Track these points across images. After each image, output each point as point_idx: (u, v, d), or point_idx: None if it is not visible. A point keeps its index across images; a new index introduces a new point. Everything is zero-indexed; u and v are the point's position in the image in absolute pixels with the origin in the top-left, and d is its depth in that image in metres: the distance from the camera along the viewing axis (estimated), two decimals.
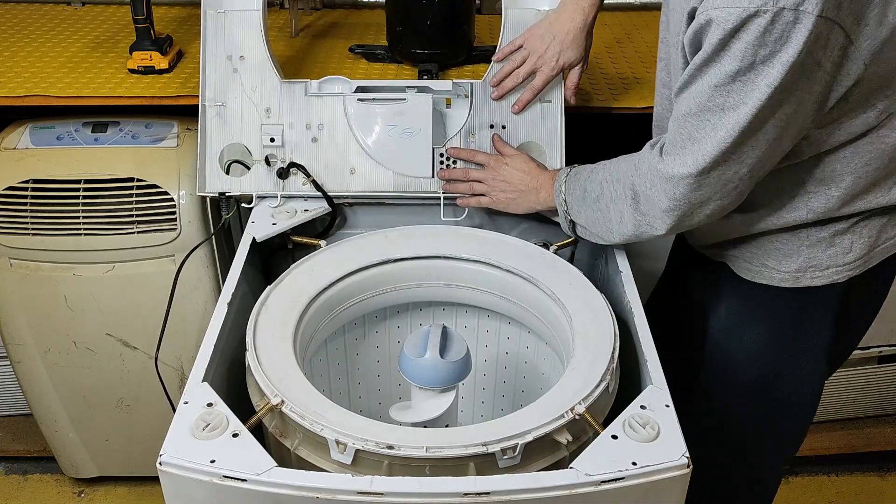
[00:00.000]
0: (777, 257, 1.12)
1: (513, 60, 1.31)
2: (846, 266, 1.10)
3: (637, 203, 1.06)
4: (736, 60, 0.88)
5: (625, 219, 1.10)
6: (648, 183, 1.03)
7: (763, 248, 1.13)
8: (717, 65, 0.90)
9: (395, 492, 0.85)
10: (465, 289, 1.30)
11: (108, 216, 1.44)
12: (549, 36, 1.27)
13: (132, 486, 1.89)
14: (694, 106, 0.94)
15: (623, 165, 1.10)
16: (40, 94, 1.44)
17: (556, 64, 1.28)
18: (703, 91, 0.92)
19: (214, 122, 1.36)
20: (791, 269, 1.12)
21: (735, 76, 0.89)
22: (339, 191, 1.37)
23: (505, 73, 1.32)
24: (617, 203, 1.10)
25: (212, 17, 1.36)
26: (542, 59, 1.28)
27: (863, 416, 2.00)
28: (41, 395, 1.69)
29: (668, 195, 1.01)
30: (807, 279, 1.12)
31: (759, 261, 1.14)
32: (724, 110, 0.92)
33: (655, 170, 1.01)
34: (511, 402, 1.47)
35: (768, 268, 1.14)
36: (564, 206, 1.20)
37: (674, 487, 0.90)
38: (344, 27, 1.82)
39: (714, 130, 0.93)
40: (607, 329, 1.10)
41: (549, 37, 1.28)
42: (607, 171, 1.13)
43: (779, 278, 1.13)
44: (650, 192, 1.04)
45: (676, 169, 0.98)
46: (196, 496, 0.89)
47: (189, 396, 0.97)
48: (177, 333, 1.51)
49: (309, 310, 1.16)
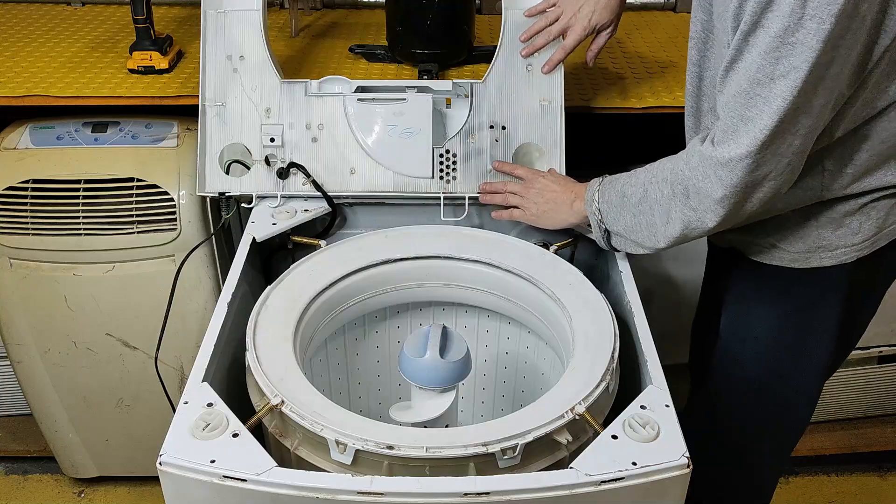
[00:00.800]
0: (787, 238, 1.12)
1: (545, 17, 1.30)
2: (854, 247, 1.10)
3: (687, 198, 1.03)
4: (783, 19, 0.85)
5: (672, 217, 1.07)
6: (700, 175, 1.01)
7: (774, 229, 1.13)
8: (762, 30, 0.88)
9: (395, 492, 0.85)
10: (465, 289, 1.30)
11: (108, 216, 1.44)
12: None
13: (132, 486, 1.89)
14: (744, 82, 0.92)
15: (668, 165, 1.08)
16: (40, 94, 1.44)
17: (589, 24, 1.26)
18: (752, 63, 0.90)
19: (214, 122, 1.36)
20: (801, 250, 1.12)
21: (783, 38, 0.86)
22: (339, 191, 1.37)
23: (537, 29, 1.30)
24: (663, 203, 1.07)
25: (212, 17, 1.36)
26: (576, 17, 1.26)
27: (863, 416, 2.00)
28: (41, 395, 1.69)
29: (722, 182, 0.98)
30: (816, 259, 1.11)
31: (769, 242, 1.14)
32: (774, 80, 0.89)
33: (709, 159, 0.99)
34: (511, 402, 1.47)
35: (778, 248, 1.13)
36: (598, 216, 1.17)
37: (674, 487, 0.90)
38: (344, 27, 1.82)
39: (767, 103, 0.91)
40: (607, 329, 1.10)
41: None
42: (650, 173, 1.10)
43: (788, 259, 1.13)
44: (702, 184, 1.01)
45: (733, 152, 0.95)
46: (196, 496, 0.89)
47: (189, 396, 0.97)
48: (177, 333, 1.51)
49: (309, 310, 1.16)
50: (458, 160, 1.36)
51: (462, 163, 1.36)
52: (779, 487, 1.52)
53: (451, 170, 1.36)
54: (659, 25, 1.84)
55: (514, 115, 1.36)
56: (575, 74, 1.58)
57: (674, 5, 1.91)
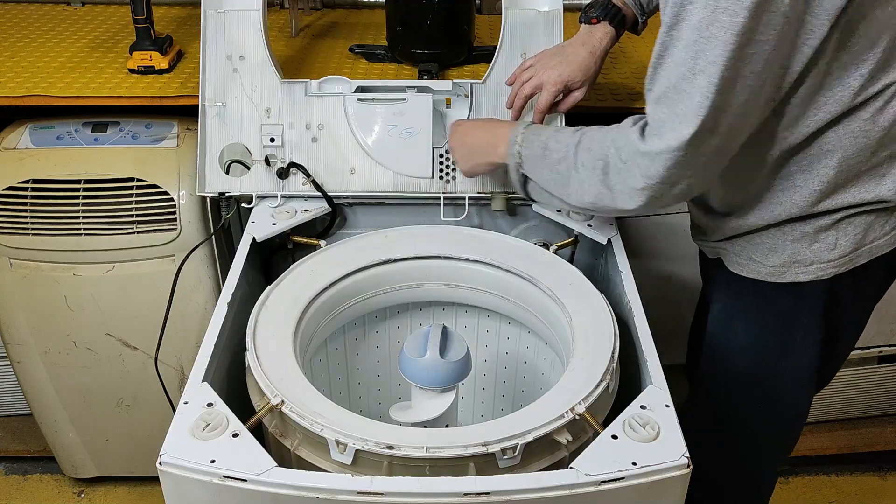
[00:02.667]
0: (763, 251, 1.13)
1: (518, 80, 1.31)
2: (830, 263, 1.11)
3: (606, 176, 1.05)
4: (699, 11, 0.87)
5: (586, 188, 1.08)
6: (624, 160, 1.02)
7: (751, 243, 1.15)
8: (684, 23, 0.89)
9: (395, 492, 0.85)
10: (465, 289, 1.30)
11: (108, 216, 1.44)
12: (558, 57, 1.28)
13: (132, 486, 1.89)
14: (672, 76, 0.93)
15: (597, 136, 1.08)
16: (40, 94, 1.44)
17: (559, 80, 1.27)
18: (677, 57, 0.91)
19: (214, 122, 1.36)
20: (776, 264, 1.13)
21: (699, 31, 0.88)
22: (338, 191, 1.37)
23: (513, 94, 1.32)
24: (581, 171, 1.08)
25: (212, 17, 1.36)
26: (547, 75, 1.27)
27: (863, 416, 2.00)
28: (41, 395, 1.69)
29: (643, 173, 0.99)
30: (791, 274, 1.12)
31: (746, 255, 1.16)
32: (695, 74, 0.90)
33: (635, 148, 1.00)
34: (511, 402, 1.47)
35: (755, 262, 1.15)
36: (518, 159, 1.18)
37: (674, 487, 0.90)
38: (344, 27, 1.82)
39: (690, 99, 0.92)
40: (607, 329, 1.11)
41: (557, 58, 1.28)
42: (577, 136, 1.10)
43: (765, 272, 1.14)
44: (623, 170, 1.02)
45: (657, 146, 0.97)
46: (196, 496, 0.89)
47: (189, 396, 0.97)
48: (177, 333, 1.51)
49: (309, 310, 1.16)
50: None
51: None
52: (779, 487, 1.52)
53: (451, 170, 1.36)
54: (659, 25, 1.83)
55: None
56: None
57: None
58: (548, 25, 1.37)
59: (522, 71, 1.31)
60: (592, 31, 1.27)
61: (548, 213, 1.35)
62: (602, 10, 1.27)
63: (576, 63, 1.27)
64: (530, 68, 1.30)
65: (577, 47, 1.28)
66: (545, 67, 1.28)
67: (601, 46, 1.27)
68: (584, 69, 1.27)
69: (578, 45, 1.28)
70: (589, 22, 1.28)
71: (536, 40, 1.36)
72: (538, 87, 1.28)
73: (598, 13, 1.28)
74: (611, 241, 1.29)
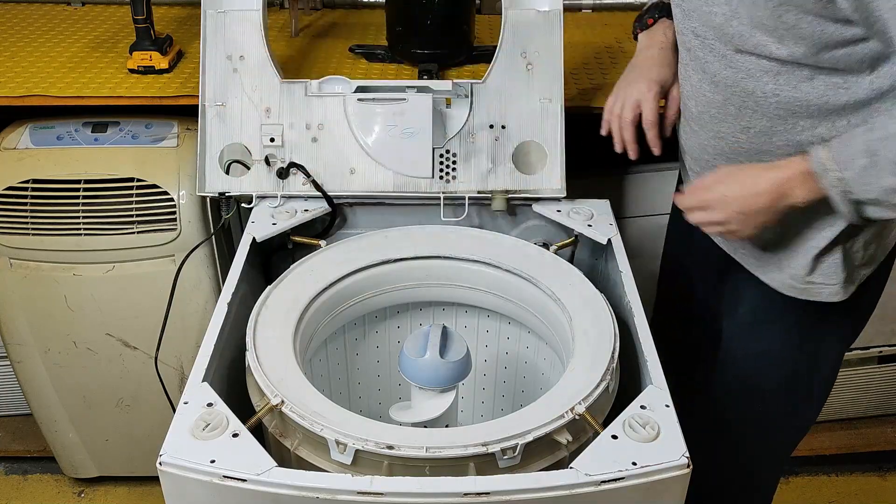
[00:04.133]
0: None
1: (613, 114, 1.22)
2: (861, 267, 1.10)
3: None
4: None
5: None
6: None
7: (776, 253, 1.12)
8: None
9: (395, 492, 0.85)
10: (465, 289, 1.30)
11: (108, 216, 1.44)
12: (633, 72, 1.22)
13: (132, 486, 1.89)
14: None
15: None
16: (40, 94, 1.44)
17: (652, 84, 1.18)
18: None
19: (214, 122, 1.36)
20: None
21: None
22: (339, 191, 1.37)
23: (617, 130, 1.22)
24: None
25: (212, 17, 1.36)
26: (636, 89, 1.19)
27: (863, 416, 2.00)
28: (41, 395, 1.69)
29: None
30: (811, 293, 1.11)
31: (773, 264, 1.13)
32: None
33: None
34: (511, 402, 1.47)
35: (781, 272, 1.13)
36: (841, 186, 0.96)
37: (674, 487, 0.90)
38: (344, 27, 1.82)
39: None
40: (607, 329, 1.10)
41: (633, 73, 1.22)
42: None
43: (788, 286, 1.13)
44: None
45: None
46: (196, 496, 0.89)
47: (189, 396, 0.97)
48: (177, 333, 1.51)
49: (309, 310, 1.16)
50: (458, 160, 1.36)
51: (462, 163, 1.36)
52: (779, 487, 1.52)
53: (451, 170, 1.36)
54: None
55: (513, 114, 1.36)
56: (575, 74, 1.58)
57: None
58: (548, 25, 1.37)
59: (611, 108, 1.23)
60: (651, 32, 1.23)
61: (548, 213, 1.35)
62: (654, 10, 1.23)
63: (655, 64, 1.20)
64: (615, 98, 1.22)
65: (645, 54, 1.22)
66: (628, 86, 1.21)
67: (668, 39, 1.20)
68: (667, 64, 1.20)
69: (645, 50, 1.22)
70: (645, 27, 1.24)
71: (536, 40, 1.36)
72: (636, 105, 1.19)
73: (651, 14, 1.23)
74: (611, 241, 1.29)
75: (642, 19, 1.24)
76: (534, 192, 1.36)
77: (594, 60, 1.65)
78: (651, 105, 1.18)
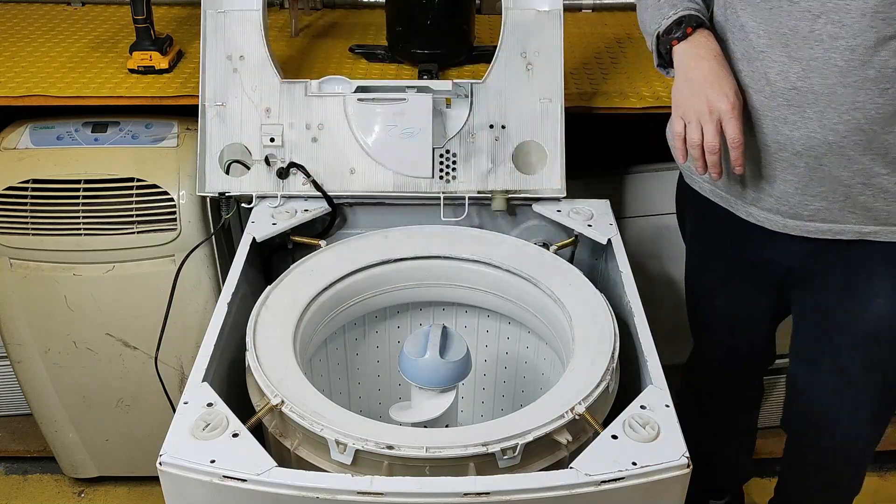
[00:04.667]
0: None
1: (690, 139, 1.11)
2: None
3: None
4: None
5: None
6: None
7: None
8: None
9: (395, 492, 0.85)
10: (465, 289, 1.30)
11: (108, 216, 1.44)
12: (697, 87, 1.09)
13: (132, 486, 1.89)
14: None
15: None
16: (40, 94, 1.44)
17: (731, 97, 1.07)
18: None
19: (214, 122, 1.36)
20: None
21: None
22: (339, 191, 1.37)
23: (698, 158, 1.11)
24: None
25: (212, 17, 1.36)
26: (711, 106, 1.08)
27: None
28: (41, 395, 1.69)
29: None
30: None
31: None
32: None
33: None
34: (511, 402, 1.47)
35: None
36: None
37: (674, 487, 0.90)
38: (344, 27, 1.82)
39: None
40: (607, 329, 1.11)
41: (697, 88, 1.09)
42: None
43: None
44: None
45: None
46: (196, 496, 0.89)
47: (189, 396, 0.97)
48: (177, 333, 1.51)
49: (309, 310, 1.16)
50: (458, 160, 1.36)
51: (462, 163, 1.36)
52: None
53: (451, 170, 1.36)
54: None
55: (514, 114, 1.36)
56: (575, 74, 1.58)
57: None
58: (548, 25, 1.37)
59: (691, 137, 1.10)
60: (695, 43, 1.11)
61: (548, 213, 1.35)
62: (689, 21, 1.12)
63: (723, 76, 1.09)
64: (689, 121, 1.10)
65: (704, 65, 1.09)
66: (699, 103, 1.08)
67: (718, 48, 1.11)
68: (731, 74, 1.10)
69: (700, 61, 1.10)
70: (684, 36, 1.12)
71: (536, 40, 1.36)
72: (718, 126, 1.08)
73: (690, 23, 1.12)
74: (611, 241, 1.29)
75: (678, 29, 1.13)
76: (534, 192, 1.36)
77: (594, 60, 1.65)
78: (736, 123, 1.07)
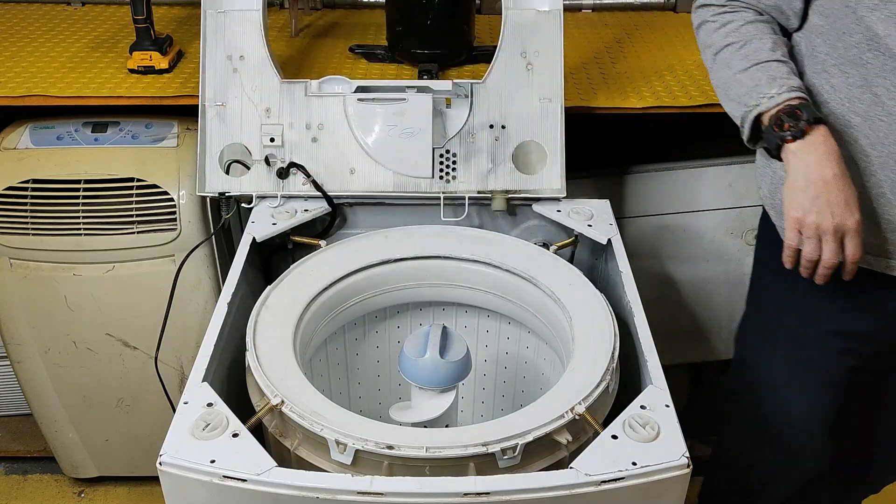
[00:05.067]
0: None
1: (808, 256, 1.03)
2: None
3: None
4: None
5: None
6: None
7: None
8: None
9: (395, 492, 0.85)
10: (465, 289, 1.30)
11: (108, 216, 1.44)
12: (815, 195, 1.00)
13: (132, 486, 1.89)
14: None
15: None
16: (40, 94, 1.44)
17: (855, 213, 1.00)
18: None
19: (214, 122, 1.36)
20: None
21: None
22: (339, 191, 1.37)
23: (808, 270, 1.05)
24: None
25: (212, 17, 1.36)
26: (836, 225, 0.99)
27: None
28: (41, 395, 1.69)
29: None
30: None
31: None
32: None
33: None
34: (511, 402, 1.47)
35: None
36: None
37: (674, 487, 0.90)
38: (344, 27, 1.82)
39: None
40: (607, 329, 1.11)
41: (814, 197, 1.00)
42: None
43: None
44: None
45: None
46: (196, 496, 0.89)
47: (189, 396, 0.97)
48: (177, 333, 1.51)
49: (309, 310, 1.16)
50: (458, 160, 1.36)
51: (462, 163, 1.36)
52: None
53: (451, 170, 1.36)
54: (659, 26, 1.84)
55: (513, 114, 1.36)
56: (575, 74, 1.58)
57: (674, 5, 1.91)
58: (548, 25, 1.37)
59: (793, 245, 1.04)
60: (814, 144, 1.00)
61: (548, 213, 1.35)
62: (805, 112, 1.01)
63: (849, 187, 1.00)
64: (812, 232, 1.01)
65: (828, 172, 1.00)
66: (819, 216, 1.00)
67: (837, 150, 1.01)
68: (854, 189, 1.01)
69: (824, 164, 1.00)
70: (801, 134, 1.00)
71: (536, 40, 1.36)
72: (839, 241, 1.01)
73: (807, 118, 1.00)
74: (611, 241, 1.29)
75: (794, 125, 1.01)
76: (534, 192, 1.36)
77: (594, 60, 1.65)
78: (860, 241, 1.01)
